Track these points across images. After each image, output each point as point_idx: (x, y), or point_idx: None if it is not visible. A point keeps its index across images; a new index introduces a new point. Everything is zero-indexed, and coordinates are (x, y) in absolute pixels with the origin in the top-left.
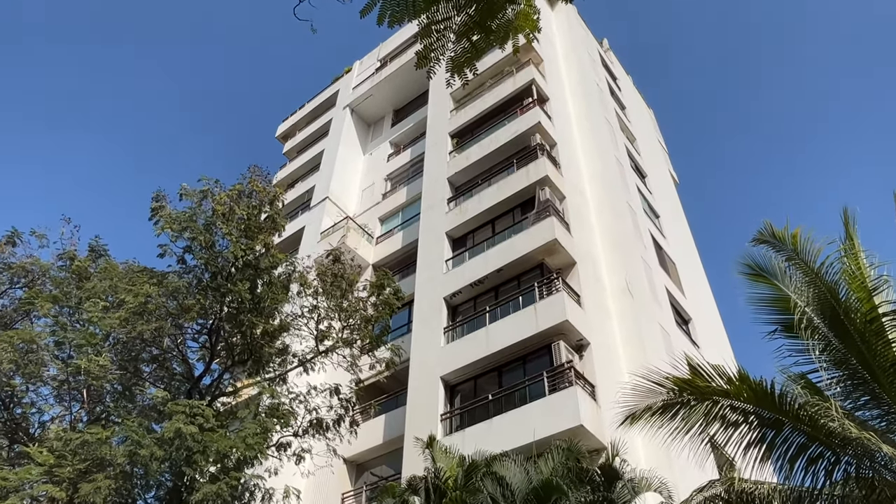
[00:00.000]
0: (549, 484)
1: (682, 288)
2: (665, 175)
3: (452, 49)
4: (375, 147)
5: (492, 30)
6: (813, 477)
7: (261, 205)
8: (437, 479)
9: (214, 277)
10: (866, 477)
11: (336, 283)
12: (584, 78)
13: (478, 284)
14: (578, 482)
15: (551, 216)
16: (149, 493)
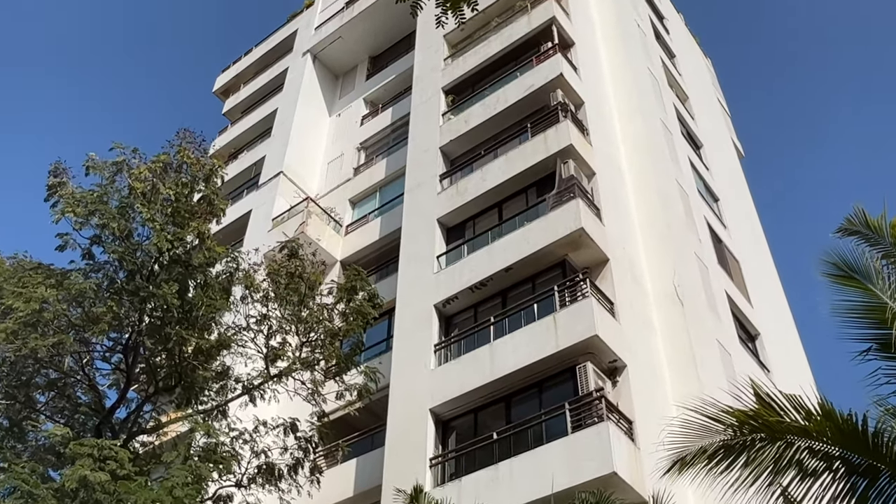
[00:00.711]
0: None
1: (747, 294)
2: (727, 145)
3: None
4: (345, 106)
5: None
6: None
7: (193, 182)
8: None
9: (132, 277)
10: None
11: (293, 286)
12: (620, 16)
13: (479, 288)
14: None
15: (576, 198)
16: None
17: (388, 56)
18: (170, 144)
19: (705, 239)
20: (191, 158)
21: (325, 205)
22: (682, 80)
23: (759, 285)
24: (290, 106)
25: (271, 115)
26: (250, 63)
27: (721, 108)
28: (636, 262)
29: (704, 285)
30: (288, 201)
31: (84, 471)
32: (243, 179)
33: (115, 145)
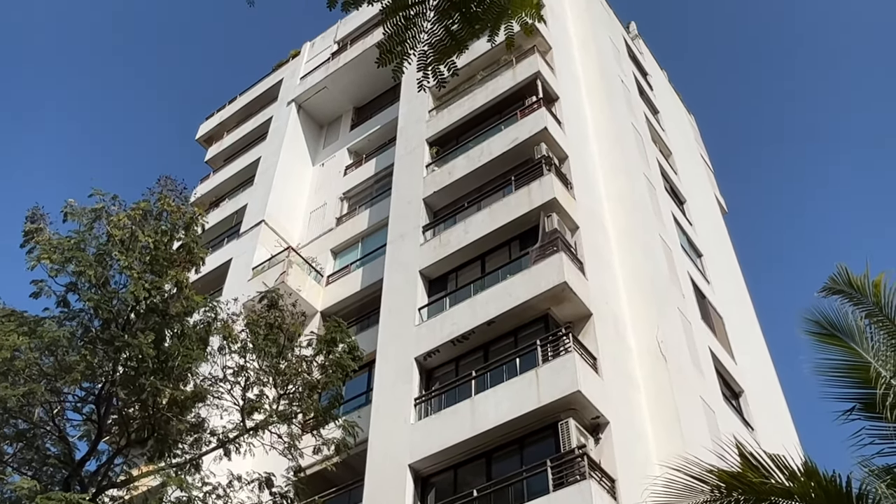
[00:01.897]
0: None
1: (731, 351)
2: (710, 201)
3: (427, 40)
4: (329, 156)
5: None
6: None
7: (173, 229)
8: None
9: (107, 326)
10: None
11: (271, 337)
12: (605, 72)
13: (461, 341)
14: None
15: (560, 252)
16: None
17: (372, 107)
18: (150, 192)
19: (689, 294)
20: (171, 206)
21: (306, 255)
22: (665, 135)
23: (742, 342)
24: (274, 154)
25: (254, 164)
26: (234, 111)
27: (704, 163)
28: (619, 316)
29: (688, 341)
30: (269, 250)
31: None
32: (224, 228)
33: (95, 192)
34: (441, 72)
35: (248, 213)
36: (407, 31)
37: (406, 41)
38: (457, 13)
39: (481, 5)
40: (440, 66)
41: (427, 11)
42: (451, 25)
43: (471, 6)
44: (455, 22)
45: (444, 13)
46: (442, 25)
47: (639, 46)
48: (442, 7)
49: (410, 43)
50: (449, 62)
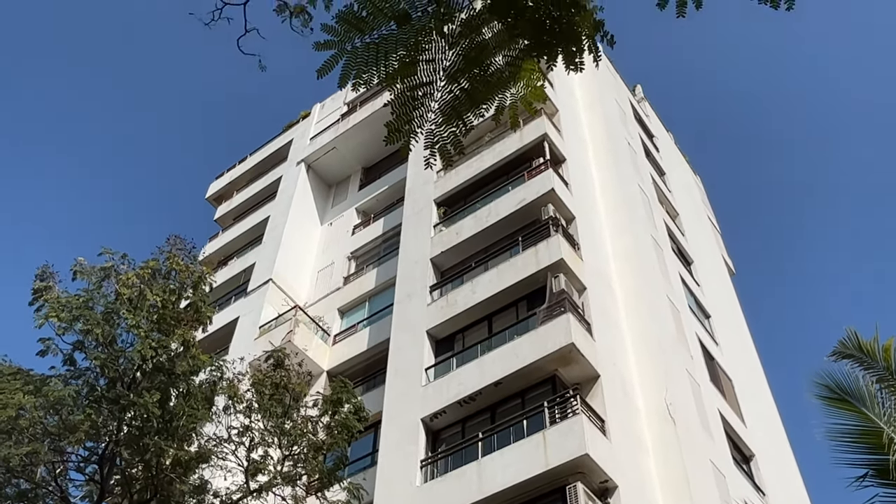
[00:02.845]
0: None
1: (741, 413)
2: (718, 262)
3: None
4: (337, 215)
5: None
6: None
7: (181, 288)
8: None
9: (113, 385)
10: None
11: (277, 397)
12: (611, 134)
13: (468, 402)
14: None
15: (567, 313)
16: None
17: (380, 167)
18: (159, 251)
19: (697, 356)
20: (180, 265)
21: (313, 314)
22: (672, 196)
23: (752, 404)
24: (283, 214)
25: (263, 223)
26: (244, 171)
27: (711, 224)
28: (627, 378)
29: (697, 403)
30: (276, 309)
31: None
32: (232, 286)
33: (104, 251)
34: (448, 150)
35: (256, 271)
36: (415, 111)
37: (414, 120)
38: (462, 92)
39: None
40: (447, 144)
41: (434, 92)
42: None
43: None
44: (460, 101)
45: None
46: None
47: (644, 109)
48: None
49: (418, 122)
50: (455, 140)
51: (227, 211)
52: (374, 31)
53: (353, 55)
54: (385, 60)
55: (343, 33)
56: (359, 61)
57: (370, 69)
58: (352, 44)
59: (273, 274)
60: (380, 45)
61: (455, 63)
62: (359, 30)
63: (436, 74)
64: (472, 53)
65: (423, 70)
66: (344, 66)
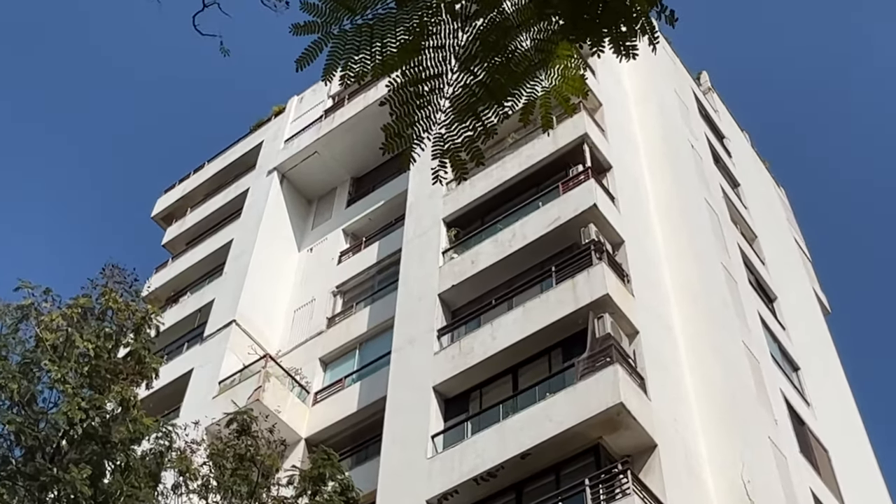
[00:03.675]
0: None
1: (839, 493)
2: (808, 298)
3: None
4: (319, 239)
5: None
6: None
7: (119, 332)
8: None
9: (31, 456)
10: None
11: (242, 472)
12: (670, 134)
13: (487, 479)
14: None
15: (615, 364)
16: None
17: (374, 177)
18: (92, 284)
19: (783, 420)
20: (118, 303)
21: (288, 365)
22: (748, 214)
23: (854, 481)
24: (250, 237)
25: (224, 248)
26: (201, 182)
27: (800, 250)
28: (692, 448)
29: (783, 481)
30: (240, 359)
31: None
32: (185, 329)
33: (22, 284)
34: (462, 160)
35: (216, 311)
36: (420, 111)
37: (418, 122)
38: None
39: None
40: (460, 153)
41: (444, 87)
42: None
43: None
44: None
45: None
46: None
47: (713, 102)
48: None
49: (424, 124)
50: (472, 146)
51: (178, 233)
52: (367, 10)
53: (342, 40)
54: (381, 47)
55: (328, 13)
56: (348, 48)
57: (362, 58)
58: (339, 26)
59: (237, 314)
60: (375, 27)
61: (470, 49)
62: (348, 8)
63: (446, 64)
64: (491, 37)
65: (430, 59)
66: (329, 54)
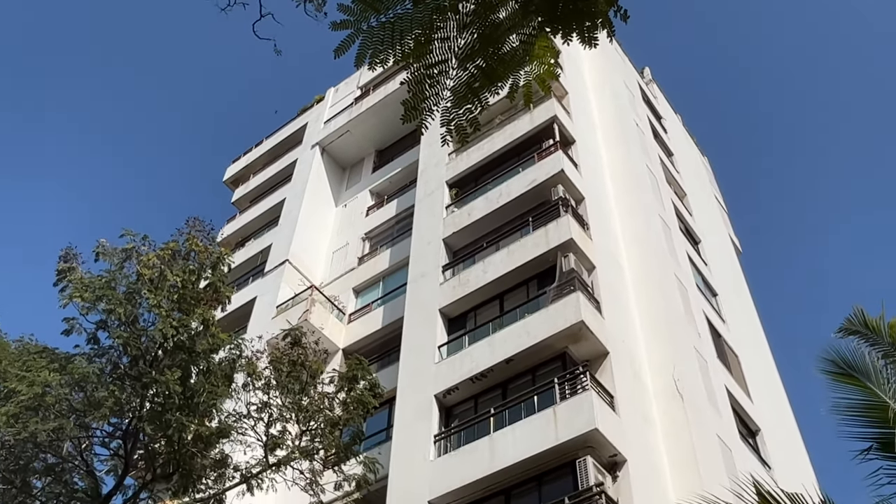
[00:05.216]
0: None
1: (747, 389)
2: (725, 241)
3: (448, 96)
4: (351, 197)
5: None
6: None
7: (200, 269)
8: None
9: (135, 363)
10: None
11: (294, 374)
12: (620, 116)
13: (480, 379)
14: None
15: (577, 292)
16: None
17: (393, 150)
18: (179, 232)
19: (704, 333)
20: (199, 246)
21: (328, 293)
22: (679, 177)
23: (758, 380)
24: (298, 196)
25: (279, 205)
26: (260, 154)
27: (719, 204)
28: (636, 355)
29: (704, 380)
30: (292, 289)
31: None
32: (249, 267)
33: (126, 232)
34: (463, 127)
35: (273, 252)
36: (431, 89)
37: (429, 98)
38: (478, 70)
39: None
40: (462, 122)
41: (450, 70)
42: (473, 83)
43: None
44: (475, 80)
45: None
46: (464, 83)
47: (653, 91)
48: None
49: (434, 100)
50: (471, 118)
51: (243, 194)
52: (389, 10)
53: (369, 34)
54: (401, 39)
55: (359, 12)
56: (375, 40)
57: (386, 48)
58: (367, 23)
59: (289, 255)
60: (395, 23)
61: (470, 42)
62: (374, 9)
63: (451, 53)
64: (486, 32)
65: (439, 48)
66: (360, 45)
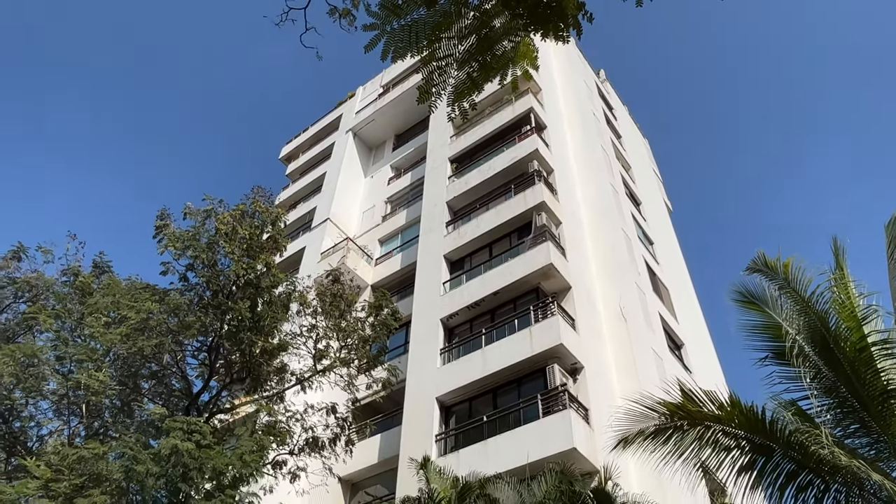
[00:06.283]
0: None
1: (675, 313)
2: (659, 203)
3: (453, 83)
4: (376, 170)
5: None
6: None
7: (263, 225)
8: (431, 501)
9: (216, 295)
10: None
11: (335, 303)
12: (580, 107)
13: (474, 307)
14: None
15: (547, 241)
16: None
17: (408, 134)
18: (246, 197)
19: (643, 272)
20: (262, 207)
21: (360, 243)
22: (626, 154)
23: (683, 307)
24: (336, 170)
25: (321, 177)
26: (307, 137)
27: (655, 175)
28: (592, 289)
29: (642, 307)
30: (332, 240)
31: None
32: (300, 224)
33: (206, 197)
34: (464, 107)
35: (317, 213)
36: (439, 77)
37: (438, 84)
38: (476, 63)
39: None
40: (463, 103)
41: (454, 62)
42: (472, 73)
43: (486, 58)
44: (474, 70)
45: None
46: (465, 70)
47: (606, 88)
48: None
49: (441, 86)
50: (469, 100)
51: (294, 168)
52: (407, 15)
53: (392, 34)
54: (416, 37)
55: (384, 17)
56: (396, 39)
57: (405, 45)
58: (391, 25)
59: (330, 214)
60: (412, 25)
61: (471, 42)
62: (396, 14)
63: (455, 49)
64: (484, 35)
65: (445, 45)
66: (385, 43)
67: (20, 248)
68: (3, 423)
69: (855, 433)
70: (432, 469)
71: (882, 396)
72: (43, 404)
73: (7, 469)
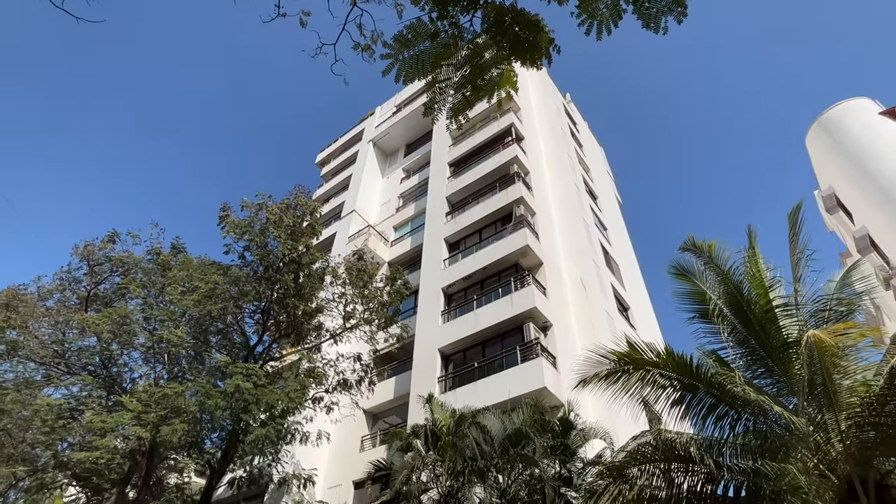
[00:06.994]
0: (519, 431)
1: (623, 283)
2: (611, 197)
3: (451, 102)
4: (391, 172)
5: (480, 87)
6: (720, 430)
7: (303, 215)
8: (434, 427)
9: (266, 270)
10: (761, 430)
11: (359, 276)
12: (551, 123)
13: (468, 279)
14: (542, 431)
15: (524, 227)
16: (214, 434)
17: (416, 144)
18: (290, 194)
19: (599, 251)
20: (302, 201)
21: (379, 230)
22: (587, 159)
23: (630, 279)
24: (359, 172)
25: (348, 178)
26: (337, 146)
27: (609, 175)
28: (559, 265)
29: (598, 278)
30: (357, 227)
31: (238, 381)
32: (332, 214)
33: (259, 194)
34: (460, 121)
35: (345, 206)
36: (440, 96)
37: (440, 101)
38: (469, 86)
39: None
40: (459, 117)
41: (452, 83)
42: (466, 94)
43: (477, 82)
44: (468, 91)
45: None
46: (460, 92)
47: (571, 107)
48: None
49: (442, 103)
50: (464, 115)
51: (327, 170)
52: (415, 46)
53: (403, 62)
54: (423, 64)
55: (397, 48)
56: (407, 65)
57: (414, 70)
58: (402, 55)
59: (355, 207)
60: (419, 55)
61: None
62: (406, 46)
63: (453, 74)
64: (475, 62)
65: (445, 70)
66: (398, 69)
67: (114, 234)
68: (104, 368)
69: (761, 375)
70: (436, 403)
71: (783, 347)
72: (134, 354)
73: (107, 404)
